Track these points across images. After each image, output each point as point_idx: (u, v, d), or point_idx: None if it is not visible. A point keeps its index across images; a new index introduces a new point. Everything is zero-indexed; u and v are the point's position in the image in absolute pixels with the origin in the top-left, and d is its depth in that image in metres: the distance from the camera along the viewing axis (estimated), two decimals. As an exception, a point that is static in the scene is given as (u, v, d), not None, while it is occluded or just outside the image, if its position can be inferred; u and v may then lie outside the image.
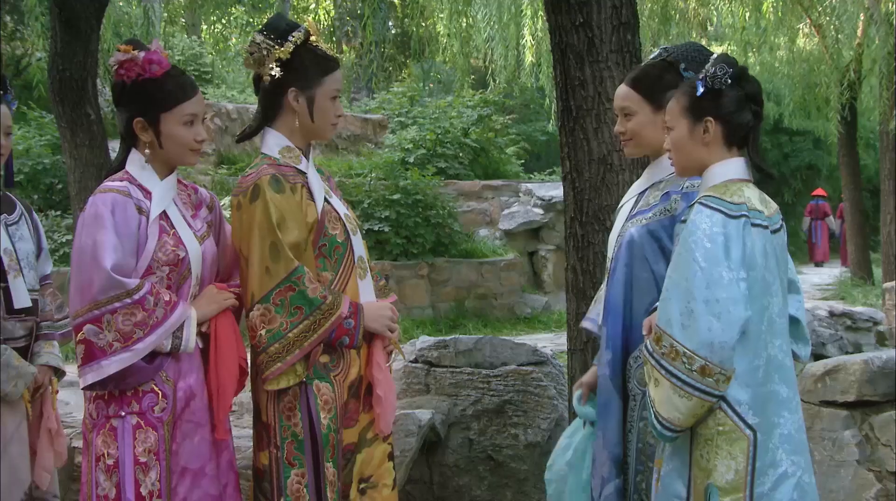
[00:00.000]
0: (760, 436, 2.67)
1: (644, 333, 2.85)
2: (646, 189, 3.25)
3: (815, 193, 22.59)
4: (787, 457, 2.71)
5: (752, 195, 2.76)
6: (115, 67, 3.07)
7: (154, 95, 3.08)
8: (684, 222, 2.80)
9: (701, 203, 2.72)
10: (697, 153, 2.85)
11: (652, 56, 3.27)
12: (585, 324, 3.51)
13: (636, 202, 3.25)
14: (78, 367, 3.00)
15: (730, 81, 2.78)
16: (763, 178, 2.90)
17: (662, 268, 3.06)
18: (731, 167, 2.83)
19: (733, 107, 2.81)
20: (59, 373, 3.63)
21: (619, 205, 3.37)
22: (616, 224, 3.29)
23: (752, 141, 2.86)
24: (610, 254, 3.25)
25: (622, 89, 3.25)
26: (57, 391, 3.64)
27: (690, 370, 2.62)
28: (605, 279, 3.25)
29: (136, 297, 2.95)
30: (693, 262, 2.65)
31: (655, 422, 2.71)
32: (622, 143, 3.31)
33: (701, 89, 2.80)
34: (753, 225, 2.71)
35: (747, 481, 2.66)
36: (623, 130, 3.24)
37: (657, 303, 2.86)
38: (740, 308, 2.62)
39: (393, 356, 3.42)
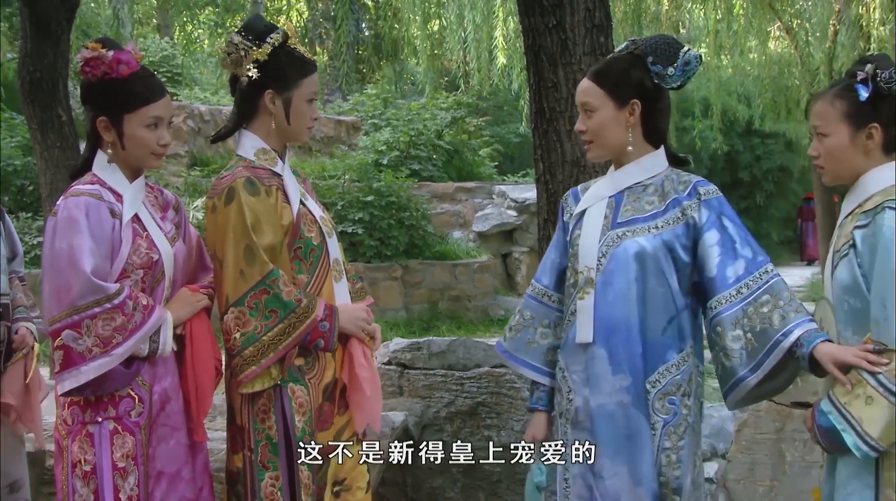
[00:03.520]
0: None
1: (859, 348, 2.60)
2: (621, 192, 3.04)
3: (806, 195, 22.73)
4: None
5: None
6: (81, 64, 3.02)
7: (119, 94, 3.04)
8: (862, 227, 2.62)
9: (890, 208, 2.54)
10: (856, 161, 2.67)
11: (619, 49, 3.10)
12: (506, 358, 3.26)
13: (609, 207, 3.03)
14: (55, 373, 2.96)
15: None
16: None
17: (676, 282, 2.92)
18: (891, 172, 2.64)
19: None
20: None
21: (578, 209, 3.12)
22: (587, 231, 3.03)
23: None
24: (589, 263, 2.98)
25: (584, 83, 3.06)
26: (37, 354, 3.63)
27: None
28: (590, 293, 2.96)
29: (117, 302, 2.92)
30: None
31: (861, 443, 2.52)
32: (585, 144, 3.12)
33: (864, 94, 2.60)
34: None
35: None
36: (584, 128, 3.05)
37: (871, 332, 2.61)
38: None
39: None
